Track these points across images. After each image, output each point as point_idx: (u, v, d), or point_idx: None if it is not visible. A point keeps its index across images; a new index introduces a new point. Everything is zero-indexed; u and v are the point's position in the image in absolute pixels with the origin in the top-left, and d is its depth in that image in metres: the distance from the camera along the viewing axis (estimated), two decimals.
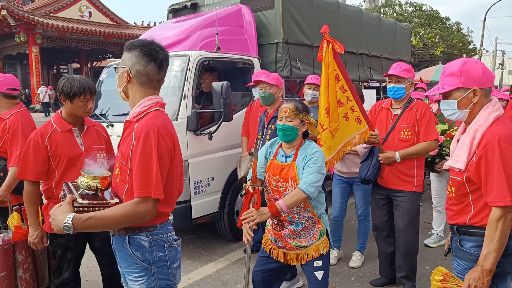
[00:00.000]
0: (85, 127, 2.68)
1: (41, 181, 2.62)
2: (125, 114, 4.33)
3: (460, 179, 2.00)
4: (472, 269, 1.90)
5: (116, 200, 1.74)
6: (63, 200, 1.79)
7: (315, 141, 3.86)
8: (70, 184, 1.86)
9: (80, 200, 1.64)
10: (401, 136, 3.24)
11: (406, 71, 3.22)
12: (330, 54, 3.06)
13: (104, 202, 1.71)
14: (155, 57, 1.79)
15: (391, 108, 3.35)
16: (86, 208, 1.64)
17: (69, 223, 1.55)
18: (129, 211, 1.64)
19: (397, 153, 3.21)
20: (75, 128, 2.61)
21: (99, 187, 1.73)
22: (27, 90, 23.05)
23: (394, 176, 3.28)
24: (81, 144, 2.61)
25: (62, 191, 1.87)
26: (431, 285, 2.02)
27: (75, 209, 1.62)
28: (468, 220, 1.99)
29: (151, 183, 1.65)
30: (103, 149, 2.70)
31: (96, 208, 1.66)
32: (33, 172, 2.49)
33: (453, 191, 2.07)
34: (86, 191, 1.72)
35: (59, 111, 2.65)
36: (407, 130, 3.22)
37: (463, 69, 1.95)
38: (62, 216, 1.58)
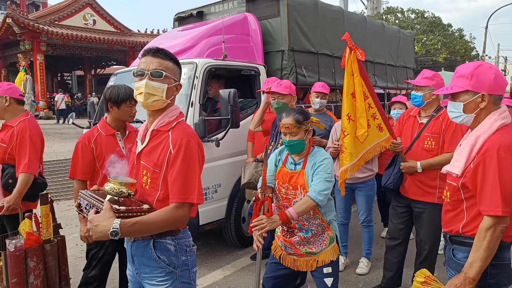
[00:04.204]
0: (127, 132, 2.89)
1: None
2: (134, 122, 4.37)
3: (455, 184, 1.96)
4: (456, 275, 1.87)
5: (147, 206, 1.78)
6: (82, 210, 1.81)
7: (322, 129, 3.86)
8: (90, 192, 1.85)
9: (116, 207, 1.65)
10: (425, 146, 3.12)
11: (426, 78, 3.12)
12: (354, 61, 3.05)
13: (139, 208, 1.73)
14: None
15: (418, 116, 3.25)
16: (125, 214, 1.65)
17: (117, 229, 1.58)
18: (171, 216, 1.71)
19: (418, 163, 3.10)
20: (118, 132, 2.84)
21: (132, 193, 1.75)
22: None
23: (416, 186, 3.19)
24: (123, 148, 2.80)
25: (78, 199, 1.87)
26: (412, 285, 2.00)
27: (116, 215, 1.63)
28: (461, 229, 1.96)
29: (193, 189, 1.72)
30: None
31: (134, 214, 1.68)
32: (81, 172, 2.76)
33: (448, 196, 2.04)
34: (116, 198, 1.72)
35: (104, 117, 2.87)
36: (431, 139, 3.10)
37: (475, 72, 1.88)
38: (107, 222, 1.59)
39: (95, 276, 2.84)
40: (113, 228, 1.58)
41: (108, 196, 1.73)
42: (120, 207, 1.67)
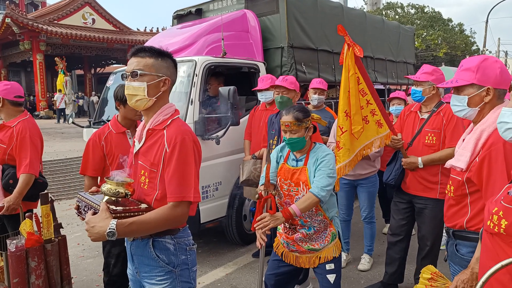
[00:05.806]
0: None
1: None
2: None
3: (460, 178, 1.94)
4: (462, 271, 1.85)
5: (145, 205, 1.76)
6: (81, 211, 1.79)
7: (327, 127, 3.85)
8: (88, 194, 1.83)
9: (113, 207, 1.64)
10: (426, 141, 3.10)
11: (426, 74, 3.10)
12: (351, 58, 3.04)
13: (136, 208, 1.72)
14: (177, 67, 1.92)
15: (419, 112, 3.23)
16: (122, 215, 1.64)
17: (114, 229, 1.57)
18: (169, 215, 1.70)
19: (419, 158, 3.09)
20: (128, 130, 2.86)
21: (129, 193, 1.73)
22: (31, 97, 23.17)
23: (417, 182, 3.17)
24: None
25: (76, 201, 1.85)
26: (419, 282, 1.99)
27: (113, 215, 1.63)
28: (465, 223, 1.95)
29: (190, 188, 1.72)
30: None
31: (132, 214, 1.67)
32: (92, 169, 2.80)
33: (452, 191, 2.02)
34: (113, 198, 1.70)
35: (116, 115, 2.90)
36: (432, 135, 3.08)
37: (481, 66, 1.88)
38: (104, 223, 1.59)
39: (119, 274, 2.87)
40: (109, 228, 1.57)
41: (106, 197, 1.72)
42: (117, 208, 1.65)
